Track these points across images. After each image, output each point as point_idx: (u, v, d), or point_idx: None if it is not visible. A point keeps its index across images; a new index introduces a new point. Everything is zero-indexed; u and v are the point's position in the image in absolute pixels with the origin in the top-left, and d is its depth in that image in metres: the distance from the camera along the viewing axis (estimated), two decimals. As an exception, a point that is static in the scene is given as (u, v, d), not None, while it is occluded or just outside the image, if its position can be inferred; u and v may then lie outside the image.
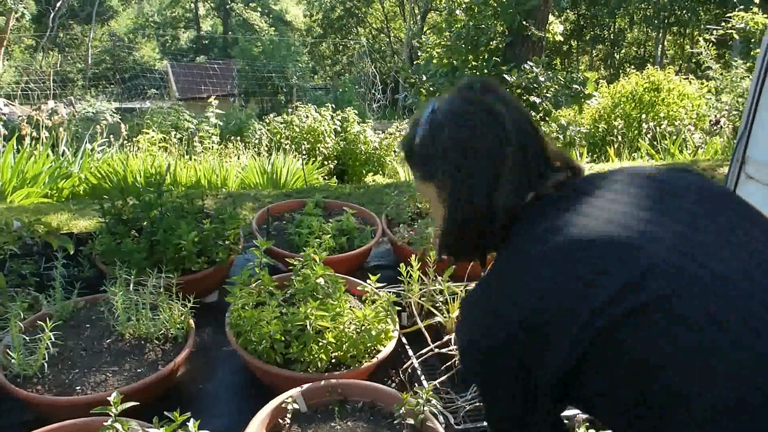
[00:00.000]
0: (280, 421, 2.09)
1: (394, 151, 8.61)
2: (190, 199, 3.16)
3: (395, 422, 2.09)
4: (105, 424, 1.81)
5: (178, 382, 2.47)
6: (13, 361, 2.17)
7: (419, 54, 14.49)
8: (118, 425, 1.79)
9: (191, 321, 2.47)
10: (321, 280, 2.54)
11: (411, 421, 2.03)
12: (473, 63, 10.71)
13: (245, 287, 2.51)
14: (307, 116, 9.01)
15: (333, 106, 9.88)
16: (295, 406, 2.08)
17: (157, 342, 2.41)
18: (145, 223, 2.91)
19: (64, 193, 5.78)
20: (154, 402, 2.25)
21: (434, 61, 11.40)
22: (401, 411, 2.04)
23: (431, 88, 11.02)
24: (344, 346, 2.35)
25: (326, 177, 7.65)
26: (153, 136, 7.51)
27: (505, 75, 9.52)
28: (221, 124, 9.13)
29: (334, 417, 2.12)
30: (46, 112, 7.21)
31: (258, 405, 2.10)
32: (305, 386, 2.16)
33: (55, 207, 4.58)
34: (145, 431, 1.91)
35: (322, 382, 2.19)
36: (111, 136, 7.61)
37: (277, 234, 3.37)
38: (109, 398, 1.79)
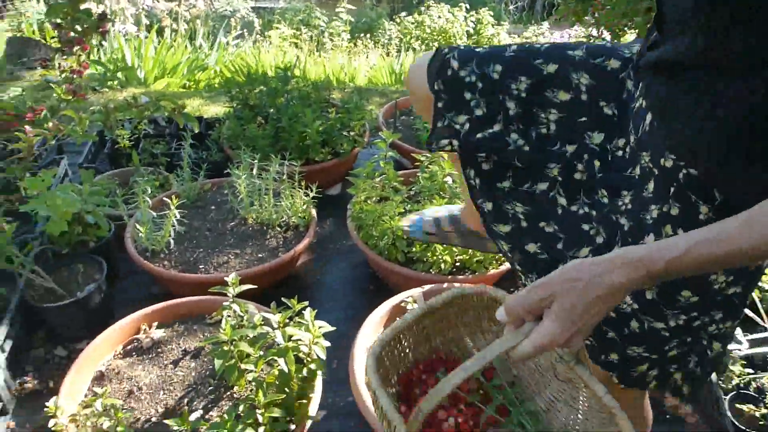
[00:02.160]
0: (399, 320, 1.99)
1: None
2: (317, 89, 3.04)
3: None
4: (224, 304, 1.79)
5: (295, 272, 2.43)
6: (141, 235, 2.20)
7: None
8: (235, 306, 1.76)
9: (313, 211, 2.40)
10: (449, 179, 2.36)
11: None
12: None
13: (369, 180, 2.39)
14: (439, 17, 8.58)
15: (467, 6, 9.34)
16: (415, 306, 1.96)
17: (278, 229, 2.37)
18: (271, 110, 2.84)
19: (200, 85, 5.91)
20: (271, 288, 2.23)
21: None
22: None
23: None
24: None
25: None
26: (284, 32, 7.46)
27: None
28: (352, 21, 8.93)
29: (455, 322, 1.98)
30: (186, 6, 7.34)
31: (374, 302, 2.02)
32: (426, 287, 2.03)
33: (189, 94, 4.68)
34: (262, 315, 1.87)
35: (445, 285, 2.06)
36: (245, 30, 7.67)
37: (404, 129, 3.19)
38: (227, 279, 1.76)
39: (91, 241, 2.24)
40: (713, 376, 1.84)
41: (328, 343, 1.63)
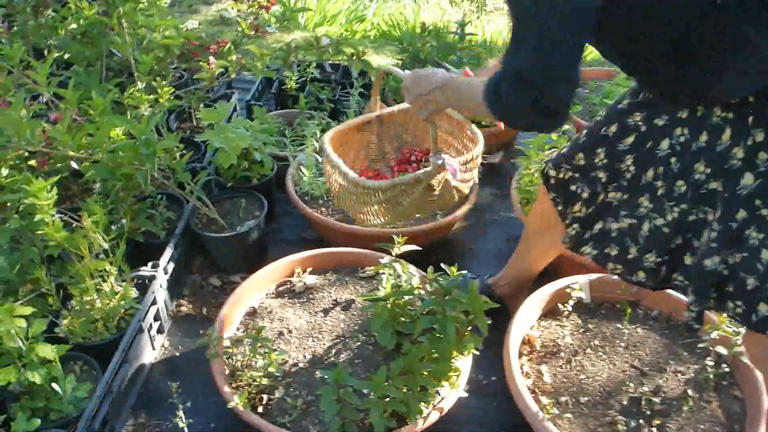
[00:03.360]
0: (560, 306, 1.86)
1: None
2: (489, 49, 2.89)
3: (698, 345, 1.72)
4: (382, 261, 1.74)
5: (450, 238, 2.34)
6: (304, 178, 2.19)
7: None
8: (397, 265, 1.70)
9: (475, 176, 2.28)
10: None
11: (722, 350, 1.65)
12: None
13: (540, 153, 2.23)
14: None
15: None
16: (580, 294, 1.81)
17: (437, 191, 2.28)
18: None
19: (356, 36, 5.93)
20: (422, 253, 2.16)
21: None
22: (712, 335, 1.67)
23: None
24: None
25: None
26: (445, -10, 7.28)
27: None
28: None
29: (621, 318, 1.82)
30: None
31: (534, 283, 1.89)
32: (595, 276, 1.87)
33: (349, 43, 4.67)
34: (421, 276, 1.81)
35: (615, 277, 1.88)
36: (405, -15, 7.56)
37: (579, 102, 2.97)
38: (393, 236, 1.70)
39: (254, 178, 2.27)
40: None
41: (489, 320, 1.53)
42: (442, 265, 1.66)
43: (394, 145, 2.23)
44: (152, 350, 1.87)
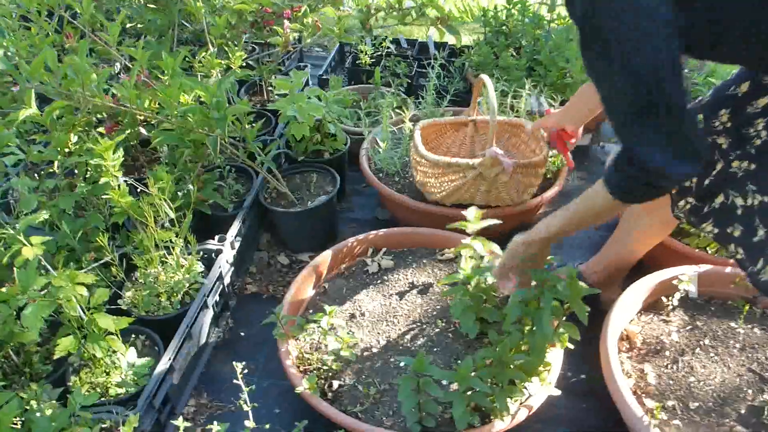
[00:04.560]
0: (664, 299, 1.67)
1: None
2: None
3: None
4: (463, 242, 1.59)
5: (534, 221, 2.16)
6: (380, 153, 2.07)
7: None
8: (477, 244, 1.54)
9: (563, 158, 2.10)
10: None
11: None
12: None
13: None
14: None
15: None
16: (688, 287, 1.62)
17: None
18: (524, 41, 2.55)
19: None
20: (505, 236, 2.01)
21: None
22: None
23: None
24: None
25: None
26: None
27: None
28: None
29: (735, 317, 1.62)
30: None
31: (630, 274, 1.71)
32: (704, 268, 1.67)
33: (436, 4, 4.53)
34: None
35: (728, 270, 1.68)
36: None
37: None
38: (470, 211, 1.55)
39: (326, 152, 2.16)
40: None
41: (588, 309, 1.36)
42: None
43: (482, 154, 2.13)
44: (216, 328, 1.78)
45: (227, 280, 1.81)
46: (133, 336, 1.56)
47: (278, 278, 1.97)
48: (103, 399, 1.40)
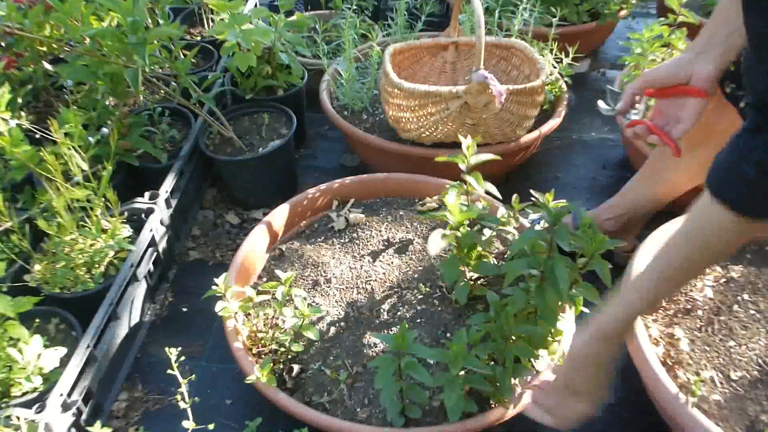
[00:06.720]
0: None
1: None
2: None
3: None
4: (448, 184, 1.32)
5: (530, 165, 1.90)
6: (343, 89, 1.77)
7: None
8: (471, 178, 1.26)
9: (563, 84, 1.83)
10: None
11: None
12: None
13: (641, 57, 1.74)
14: None
15: None
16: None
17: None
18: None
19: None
20: (507, 174, 1.76)
21: None
22: None
23: None
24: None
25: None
26: None
27: None
28: None
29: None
30: None
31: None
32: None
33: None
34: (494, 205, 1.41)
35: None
36: None
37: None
38: (462, 146, 1.27)
39: (279, 89, 1.87)
40: None
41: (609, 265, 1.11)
42: (533, 192, 1.23)
43: (467, 79, 1.83)
44: (153, 304, 1.51)
45: (163, 245, 1.53)
46: (44, 319, 1.29)
47: (227, 241, 1.70)
48: (3, 401, 1.14)
